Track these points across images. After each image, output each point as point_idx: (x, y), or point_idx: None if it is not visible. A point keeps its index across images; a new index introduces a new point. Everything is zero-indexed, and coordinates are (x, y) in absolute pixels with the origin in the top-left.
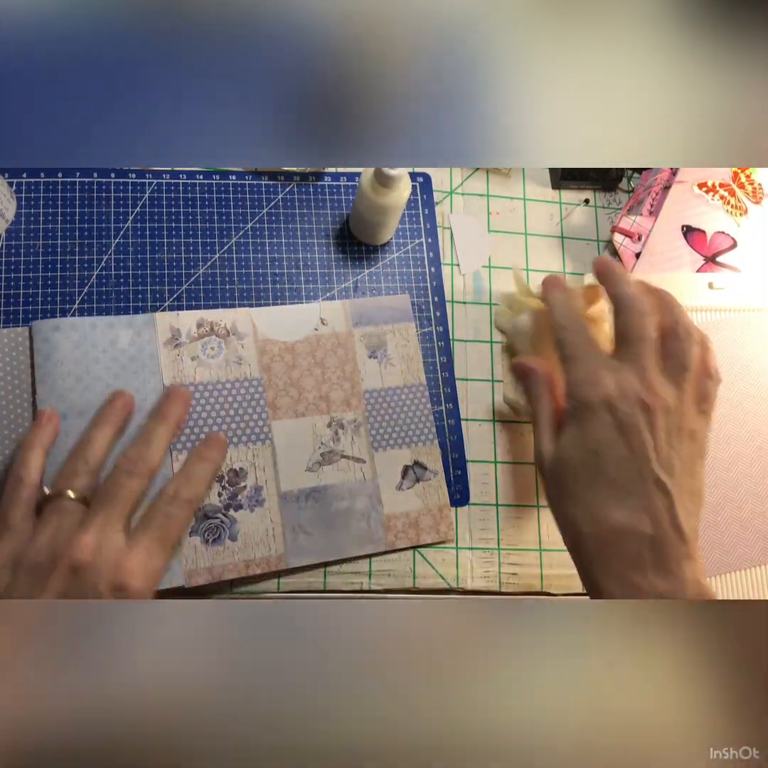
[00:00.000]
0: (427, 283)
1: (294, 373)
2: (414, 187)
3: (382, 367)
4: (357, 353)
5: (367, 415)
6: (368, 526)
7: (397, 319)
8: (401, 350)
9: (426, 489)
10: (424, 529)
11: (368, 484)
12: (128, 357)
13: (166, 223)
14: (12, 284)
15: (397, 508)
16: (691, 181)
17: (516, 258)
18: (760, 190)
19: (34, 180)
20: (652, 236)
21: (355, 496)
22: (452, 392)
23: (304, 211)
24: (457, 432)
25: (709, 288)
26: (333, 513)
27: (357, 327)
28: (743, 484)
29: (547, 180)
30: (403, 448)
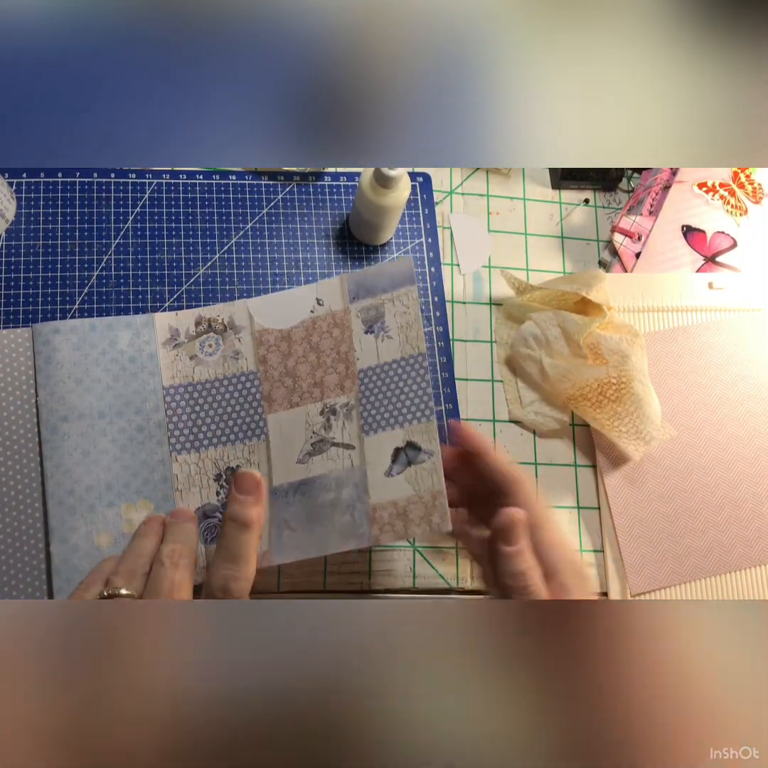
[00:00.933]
0: (427, 283)
1: (289, 361)
2: (414, 187)
3: (379, 341)
4: (353, 331)
5: (360, 397)
6: (352, 518)
7: (398, 284)
8: (400, 319)
9: (419, 473)
10: (413, 520)
11: (355, 471)
12: (128, 358)
13: (166, 223)
14: (12, 284)
15: (385, 496)
16: (691, 181)
17: (516, 258)
18: (760, 190)
19: (34, 180)
20: (652, 236)
21: (342, 486)
22: (452, 392)
23: (304, 212)
24: None
25: (709, 288)
26: (318, 506)
27: (354, 302)
28: (743, 484)
29: (547, 180)
30: (396, 428)
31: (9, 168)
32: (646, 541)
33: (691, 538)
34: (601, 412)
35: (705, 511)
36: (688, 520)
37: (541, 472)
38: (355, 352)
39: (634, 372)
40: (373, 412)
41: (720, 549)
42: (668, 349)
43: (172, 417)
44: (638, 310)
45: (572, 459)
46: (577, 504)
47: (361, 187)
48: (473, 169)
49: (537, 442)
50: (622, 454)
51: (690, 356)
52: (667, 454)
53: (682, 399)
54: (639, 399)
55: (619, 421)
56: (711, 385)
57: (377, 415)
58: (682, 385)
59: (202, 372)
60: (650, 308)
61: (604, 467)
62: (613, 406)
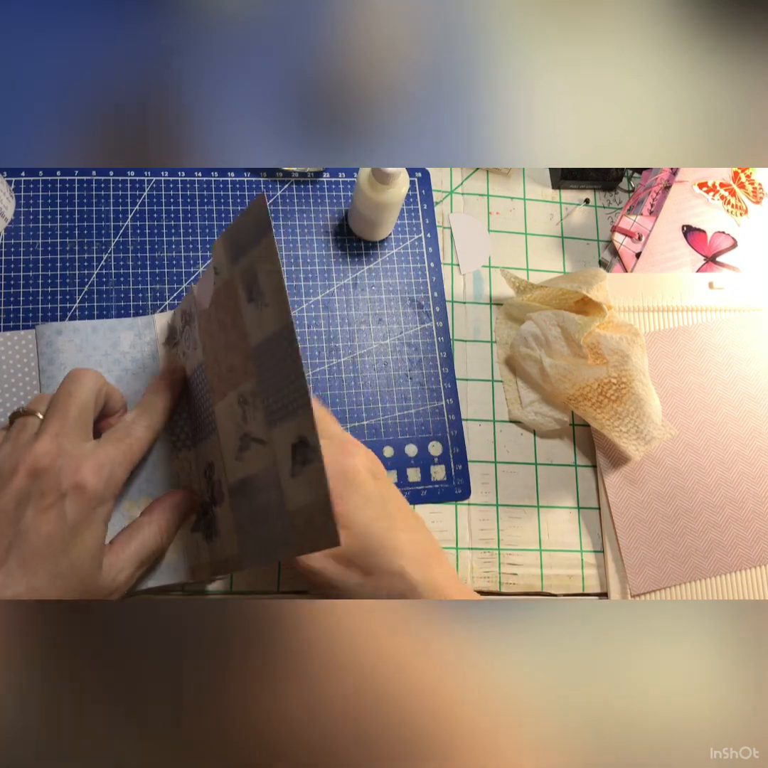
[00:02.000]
0: (427, 279)
1: (214, 343)
2: (412, 183)
3: (259, 311)
4: (240, 299)
5: (257, 381)
6: (280, 525)
7: (260, 234)
8: (269, 280)
9: (312, 475)
10: (307, 533)
11: (272, 471)
12: (130, 359)
13: (165, 221)
14: (12, 283)
15: (295, 502)
16: (691, 181)
17: (516, 258)
18: (761, 189)
19: (32, 178)
20: (653, 236)
21: (269, 487)
22: (452, 387)
23: (302, 208)
24: (458, 427)
25: (709, 288)
26: (255, 509)
27: (235, 263)
28: (743, 484)
29: (547, 180)
30: (287, 420)
31: (7, 167)
32: (646, 541)
33: (692, 539)
34: (601, 412)
35: (705, 512)
36: (688, 521)
37: (541, 472)
38: (245, 325)
39: (635, 372)
40: (271, 400)
41: (720, 549)
42: (668, 349)
43: (173, 415)
44: (638, 310)
45: (572, 459)
46: (578, 504)
47: (359, 183)
48: (473, 169)
49: (537, 442)
50: (622, 454)
51: (690, 356)
52: (667, 454)
53: (682, 399)
54: (639, 399)
55: (619, 421)
56: (711, 385)
57: (273, 404)
58: (682, 385)
59: (189, 367)
60: (650, 308)
61: (604, 467)
62: (614, 406)
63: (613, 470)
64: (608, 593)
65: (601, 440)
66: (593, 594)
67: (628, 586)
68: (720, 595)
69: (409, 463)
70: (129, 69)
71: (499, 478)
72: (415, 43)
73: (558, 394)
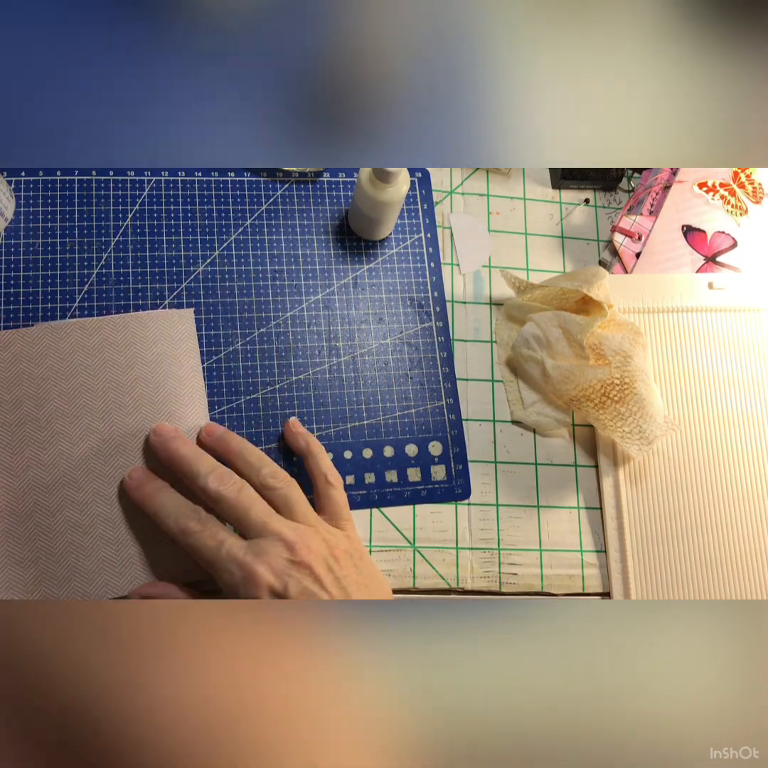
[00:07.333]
0: (427, 278)
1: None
2: (413, 183)
3: None
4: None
5: None
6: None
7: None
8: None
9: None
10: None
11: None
12: None
13: (165, 220)
14: (12, 283)
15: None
16: (691, 181)
17: (516, 258)
18: (761, 189)
19: (32, 178)
20: (653, 236)
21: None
22: (452, 387)
23: (303, 208)
24: (458, 427)
25: (709, 288)
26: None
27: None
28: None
29: (547, 180)
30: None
31: (7, 167)
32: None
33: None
34: (604, 413)
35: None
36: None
37: (541, 473)
38: None
39: (637, 372)
40: None
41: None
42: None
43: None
44: (638, 311)
45: (572, 459)
46: (578, 504)
47: (360, 182)
48: (473, 169)
49: (538, 442)
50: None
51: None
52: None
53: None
54: (642, 399)
55: (622, 421)
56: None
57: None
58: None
59: None
60: (650, 309)
61: (605, 467)
62: (616, 407)
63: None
64: (611, 593)
65: (604, 440)
66: (593, 594)
67: (631, 586)
68: (720, 595)
69: (410, 463)
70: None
71: (500, 478)
72: (416, 43)
73: (560, 396)
